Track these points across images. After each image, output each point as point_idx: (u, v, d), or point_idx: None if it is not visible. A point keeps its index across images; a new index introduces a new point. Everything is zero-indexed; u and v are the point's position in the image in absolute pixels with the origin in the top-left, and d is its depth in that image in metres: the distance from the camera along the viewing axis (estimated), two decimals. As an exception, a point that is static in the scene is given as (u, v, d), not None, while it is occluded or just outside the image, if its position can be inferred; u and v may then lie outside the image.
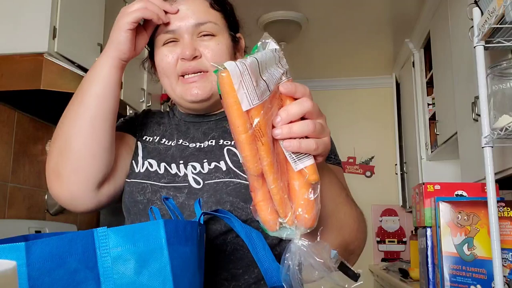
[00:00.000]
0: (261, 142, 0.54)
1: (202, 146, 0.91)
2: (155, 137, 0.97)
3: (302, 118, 0.58)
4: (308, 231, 0.58)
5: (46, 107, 2.23)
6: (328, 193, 0.69)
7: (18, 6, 1.96)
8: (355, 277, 0.63)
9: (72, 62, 2.05)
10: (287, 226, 0.57)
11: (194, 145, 0.92)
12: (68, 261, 0.55)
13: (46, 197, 2.38)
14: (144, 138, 0.97)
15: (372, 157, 4.59)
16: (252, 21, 3.37)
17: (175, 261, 0.59)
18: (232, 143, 0.88)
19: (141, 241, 0.58)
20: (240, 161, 0.83)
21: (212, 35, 0.89)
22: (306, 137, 0.57)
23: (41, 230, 2.14)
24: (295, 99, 0.58)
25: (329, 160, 0.87)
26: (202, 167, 0.87)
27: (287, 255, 0.58)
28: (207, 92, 0.89)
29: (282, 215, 0.57)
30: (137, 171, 0.92)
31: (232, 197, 0.81)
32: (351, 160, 4.59)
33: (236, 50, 0.97)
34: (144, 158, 0.93)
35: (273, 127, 0.56)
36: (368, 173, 4.56)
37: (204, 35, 0.89)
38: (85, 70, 2.07)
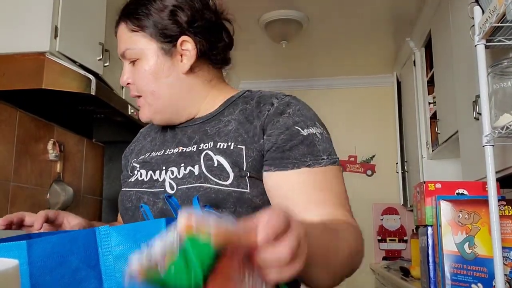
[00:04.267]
0: None
1: (184, 151, 0.92)
2: (147, 154, 1.00)
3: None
4: None
5: (48, 106, 2.24)
6: (314, 259, 0.59)
7: (19, 5, 1.97)
8: None
9: (74, 62, 2.05)
10: None
11: (178, 149, 0.93)
12: (70, 260, 0.55)
13: (48, 196, 2.38)
14: (139, 158, 1.01)
15: (373, 156, 4.59)
16: (253, 20, 3.37)
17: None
18: (210, 145, 0.88)
19: (143, 240, 0.58)
20: (214, 165, 0.84)
21: (136, 59, 0.93)
22: None
23: (43, 229, 2.15)
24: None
25: (319, 164, 0.84)
26: (179, 171, 0.88)
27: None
28: (145, 117, 0.96)
29: None
30: (129, 180, 0.97)
31: (202, 203, 0.82)
32: (352, 159, 4.59)
33: (177, 54, 0.92)
34: (138, 170, 0.96)
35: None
36: (369, 172, 4.56)
37: (132, 62, 0.94)
38: (86, 69, 2.07)
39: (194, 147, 0.91)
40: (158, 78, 0.91)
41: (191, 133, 0.95)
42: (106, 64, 2.29)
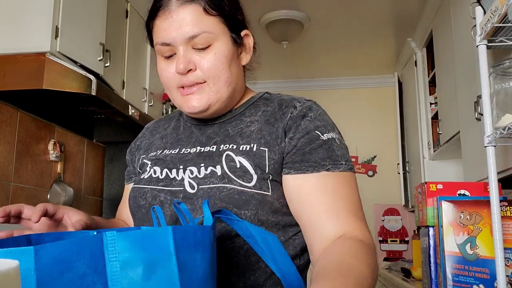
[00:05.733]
0: None
1: (202, 151, 0.91)
2: (158, 151, 0.97)
3: None
4: None
5: (49, 107, 2.24)
6: None
7: (20, 6, 1.97)
8: None
9: (75, 62, 2.05)
10: None
11: (195, 149, 0.92)
12: (77, 265, 0.54)
13: (48, 197, 2.38)
14: (150, 155, 0.98)
15: (375, 157, 4.59)
16: (254, 20, 3.36)
17: (184, 269, 0.58)
18: (231, 147, 0.87)
19: (150, 247, 0.57)
20: (237, 166, 0.84)
21: (208, 45, 0.87)
22: None
23: (43, 229, 2.15)
24: None
25: (338, 168, 0.85)
26: (199, 171, 0.86)
27: None
28: (203, 104, 0.89)
29: None
30: (142, 177, 0.94)
31: (225, 203, 0.81)
32: (353, 160, 4.59)
33: (242, 50, 0.95)
34: (151, 167, 0.94)
35: None
36: (370, 173, 4.56)
37: (200, 48, 0.87)
38: (87, 69, 2.07)
39: (213, 148, 0.90)
40: (230, 65, 0.89)
41: (211, 133, 0.93)
42: (107, 65, 2.29)
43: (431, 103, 3.38)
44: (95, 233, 0.63)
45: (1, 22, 1.96)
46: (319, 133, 0.87)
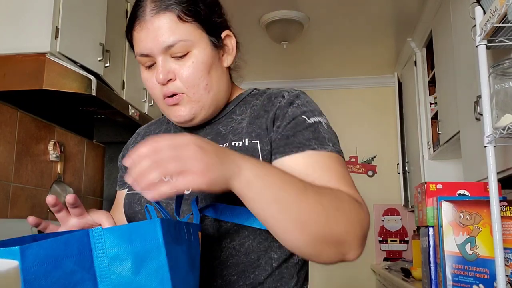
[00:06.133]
0: None
1: None
2: None
3: None
4: None
5: (49, 107, 2.24)
6: (263, 197, 0.68)
7: (20, 6, 1.97)
8: None
9: (75, 62, 2.05)
10: None
11: None
12: (64, 263, 0.55)
13: (48, 197, 2.38)
14: None
15: (374, 157, 4.59)
16: (253, 20, 3.37)
17: (171, 260, 0.59)
18: (224, 146, 0.87)
19: (138, 241, 0.58)
20: None
21: (186, 53, 0.86)
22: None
23: (43, 229, 2.15)
24: None
25: (325, 149, 0.83)
26: None
27: None
28: (188, 114, 0.88)
29: None
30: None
31: (220, 201, 0.81)
32: (353, 160, 4.59)
33: (224, 52, 0.93)
34: None
35: None
36: (370, 173, 4.56)
37: (178, 56, 0.86)
38: (87, 69, 2.07)
39: None
40: (209, 71, 0.88)
41: (202, 135, 0.93)
42: (106, 65, 2.29)
43: (430, 103, 3.38)
44: None
45: (1, 22, 1.96)
46: (306, 118, 0.86)
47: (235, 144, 0.87)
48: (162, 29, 0.84)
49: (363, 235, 0.76)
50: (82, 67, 2.07)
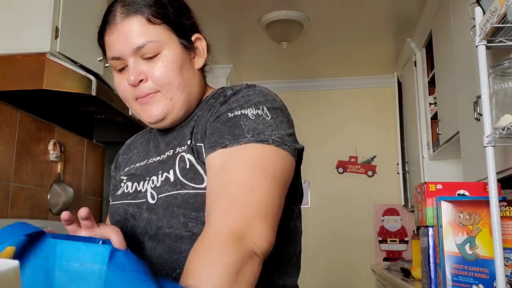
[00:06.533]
0: None
1: (163, 158, 0.91)
2: (132, 165, 0.99)
3: None
4: None
5: (49, 107, 2.24)
6: None
7: (20, 6, 1.97)
8: None
9: (75, 62, 2.05)
10: None
11: (158, 157, 0.93)
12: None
13: (48, 197, 2.39)
14: (125, 170, 1.00)
15: (374, 157, 4.59)
16: (253, 20, 3.37)
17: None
18: (185, 148, 0.87)
19: (86, 260, 0.60)
20: (187, 167, 0.83)
21: (156, 54, 0.87)
22: None
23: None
24: None
25: (238, 143, 0.78)
26: (157, 180, 0.87)
27: None
28: (160, 113, 0.89)
29: None
30: (116, 194, 0.96)
31: (182, 209, 0.81)
32: (352, 160, 4.59)
33: (195, 54, 0.94)
34: (125, 182, 0.96)
35: None
36: (370, 173, 4.56)
37: (148, 57, 0.87)
38: (87, 69, 2.07)
39: (170, 152, 0.90)
40: (181, 71, 0.89)
41: (170, 139, 0.94)
42: (106, 65, 2.28)
43: (430, 103, 3.38)
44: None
45: (1, 22, 1.97)
46: (229, 114, 0.82)
47: (189, 144, 0.87)
48: (132, 31, 0.86)
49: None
50: (82, 67, 2.07)
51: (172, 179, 0.84)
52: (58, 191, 2.45)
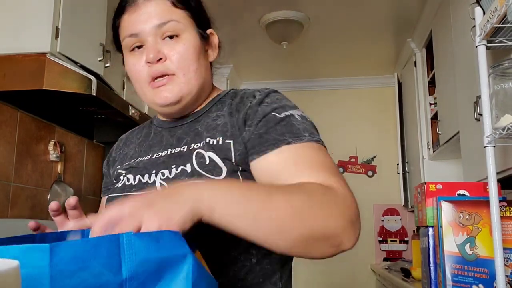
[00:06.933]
0: None
1: (173, 152, 0.90)
2: (132, 160, 0.98)
3: None
4: None
5: (49, 107, 2.24)
6: (230, 216, 0.65)
7: (20, 6, 1.97)
8: None
9: (75, 62, 2.05)
10: None
11: (166, 152, 0.92)
12: (92, 265, 0.55)
13: (48, 197, 2.39)
14: (124, 165, 0.99)
15: (374, 157, 4.59)
16: (253, 21, 3.37)
17: (198, 269, 0.59)
18: (202, 144, 0.87)
19: (165, 248, 0.58)
20: (206, 162, 0.83)
21: (177, 35, 0.88)
22: None
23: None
24: None
25: (300, 140, 0.80)
26: (170, 172, 0.86)
27: None
28: (175, 95, 0.88)
29: None
30: (115, 186, 0.95)
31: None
32: (353, 160, 4.59)
33: (208, 47, 0.95)
34: (125, 175, 0.95)
35: None
36: (370, 173, 4.56)
37: (169, 37, 0.87)
38: (87, 70, 2.07)
39: (184, 148, 0.89)
40: (198, 58, 0.90)
41: (181, 134, 0.93)
42: (107, 65, 2.29)
43: (430, 104, 3.38)
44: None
45: (1, 22, 1.97)
46: (276, 114, 0.84)
47: (210, 141, 0.87)
48: (156, 10, 0.87)
49: (349, 221, 0.71)
50: (82, 67, 2.07)
51: (189, 171, 0.84)
52: (58, 191, 2.45)
